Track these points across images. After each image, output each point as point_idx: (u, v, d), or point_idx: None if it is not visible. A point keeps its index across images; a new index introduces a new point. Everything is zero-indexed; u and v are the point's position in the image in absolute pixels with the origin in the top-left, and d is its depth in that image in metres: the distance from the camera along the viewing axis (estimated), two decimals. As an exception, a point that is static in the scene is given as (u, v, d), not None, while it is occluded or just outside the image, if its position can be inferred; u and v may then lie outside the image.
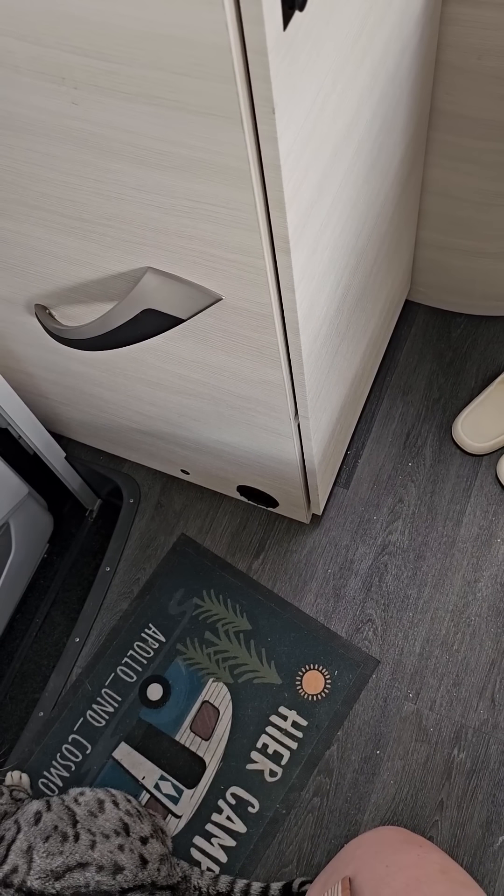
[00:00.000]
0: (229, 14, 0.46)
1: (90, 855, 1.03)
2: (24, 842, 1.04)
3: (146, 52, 0.51)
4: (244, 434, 1.10)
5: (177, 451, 1.31)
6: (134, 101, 0.56)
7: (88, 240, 0.76)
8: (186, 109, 0.55)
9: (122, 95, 0.56)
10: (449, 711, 1.26)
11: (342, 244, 0.86)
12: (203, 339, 0.87)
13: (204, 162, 0.59)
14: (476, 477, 1.42)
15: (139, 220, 0.70)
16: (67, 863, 1.02)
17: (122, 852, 1.05)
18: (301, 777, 1.24)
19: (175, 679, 1.32)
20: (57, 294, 0.90)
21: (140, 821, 1.12)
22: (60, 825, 1.06)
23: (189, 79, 0.52)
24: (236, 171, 0.58)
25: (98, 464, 1.53)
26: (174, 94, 0.54)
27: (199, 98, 0.53)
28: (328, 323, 0.92)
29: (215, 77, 0.50)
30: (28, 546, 1.49)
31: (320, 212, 0.72)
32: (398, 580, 1.36)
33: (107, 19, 0.50)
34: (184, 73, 0.51)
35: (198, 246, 0.70)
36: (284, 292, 0.73)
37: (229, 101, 0.52)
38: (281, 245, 0.66)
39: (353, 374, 1.22)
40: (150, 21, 0.49)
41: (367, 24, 0.69)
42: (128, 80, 0.54)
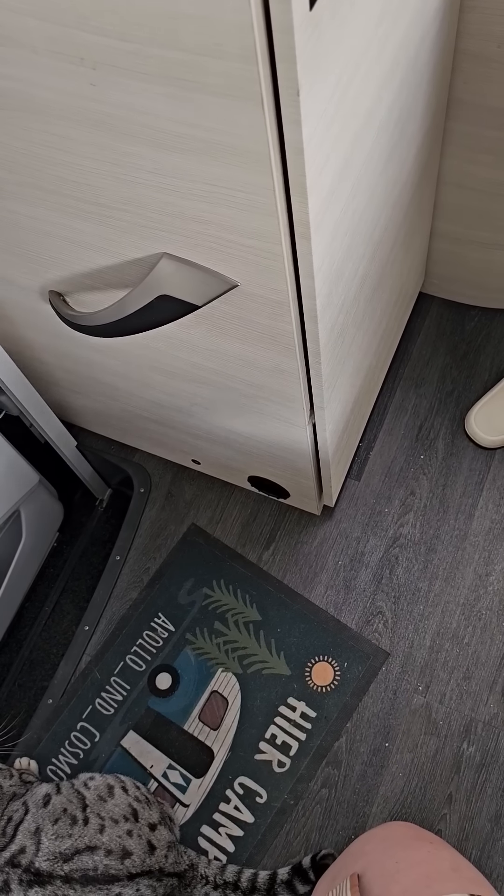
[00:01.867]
0: (252, -8, 0.45)
1: (99, 839, 1.03)
2: (33, 823, 1.05)
3: (165, 31, 0.50)
4: (257, 424, 1.10)
5: (188, 441, 1.31)
6: (152, 83, 0.55)
7: (104, 224, 0.76)
8: (206, 91, 0.54)
9: (141, 76, 0.55)
10: (459, 705, 1.26)
11: (361, 232, 0.86)
12: (217, 326, 0.86)
13: (222, 145, 0.58)
14: (489, 470, 1.41)
15: (155, 205, 0.69)
16: (76, 845, 1.02)
17: (130, 837, 1.05)
18: (309, 768, 1.24)
19: (184, 668, 1.32)
20: (71, 280, 0.90)
21: (149, 807, 1.12)
22: (70, 808, 1.07)
23: (209, 59, 0.51)
24: (255, 155, 0.57)
25: (109, 453, 1.52)
26: (193, 75, 0.53)
27: (218, 79, 0.52)
28: (345, 312, 0.91)
29: (236, 57, 0.50)
30: (38, 534, 1.49)
31: (340, 198, 0.72)
32: (409, 573, 1.35)
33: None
34: (204, 54, 0.51)
35: (214, 231, 0.69)
36: (303, 279, 0.73)
37: (250, 82, 0.51)
38: (301, 231, 0.66)
39: (368, 366, 1.22)
40: (170, 0, 0.48)
41: (391, 6, 0.68)
42: (146, 61, 0.54)
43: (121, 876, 1.01)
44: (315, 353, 0.86)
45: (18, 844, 1.02)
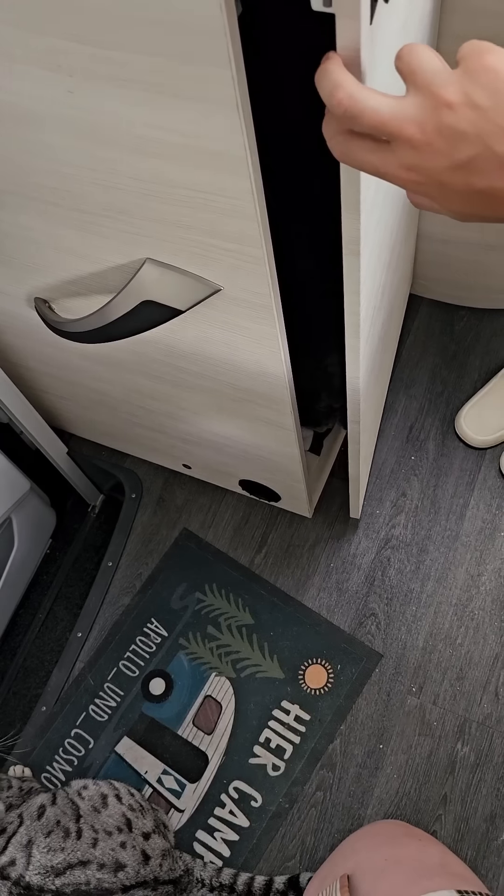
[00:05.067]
0: (223, -3, 0.45)
1: (91, 853, 1.03)
2: (25, 835, 1.04)
3: (140, 37, 0.51)
4: (246, 428, 1.10)
5: (178, 446, 1.31)
6: (129, 88, 0.55)
7: (86, 231, 0.76)
8: (182, 96, 0.54)
9: (118, 82, 0.55)
10: (452, 705, 1.26)
11: (386, 242, 0.86)
12: (203, 330, 0.86)
13: (200, 149, 0.58)
14: (479, 470, 1.42)
15: (136, 210, 0.69)
16: (69, 860, 1.02)
17: (123, 849, 1.05)
18: (304, 771, 1.24)
19: (177, 673, 1.32)
20: (56, 287, 0.90)
21: (143, 816, 1.12)
22: (63, 820, 1.06)
23: (183, 64, 0.51)
24: (233, 159, 0.57)
25: (100, 459, 1.52)
26: (169, 80, 0.53)
27: (193, 83, 0.52)
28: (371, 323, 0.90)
29: (209, 62, 0.50)
30: (31, 541, 1.48)
31: (375, 209, 0.71)
32: (401, 574, 1.35)
33: (101, 5, 0.49)
34: (178, 59, 0.51)
35: (196, 236, 0.69)
36: (348, 296, 0.71)
37: (224, 87, 0.51)
38: (351, 248, 0.65)
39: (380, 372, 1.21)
40: (144, 6, 0.48)
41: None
42: (122, 67, 0.54)
43: (114, 889, 1.01)
44: (354, 367, 0.85)
45: (9, 856, 1.02)
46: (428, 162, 0.43)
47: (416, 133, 0.42)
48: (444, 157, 0.43)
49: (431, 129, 0.42)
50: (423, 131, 0.42)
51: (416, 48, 0.43)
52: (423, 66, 0.42)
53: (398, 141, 0.43)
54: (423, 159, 0.43)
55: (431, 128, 0.42)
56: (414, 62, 0.43)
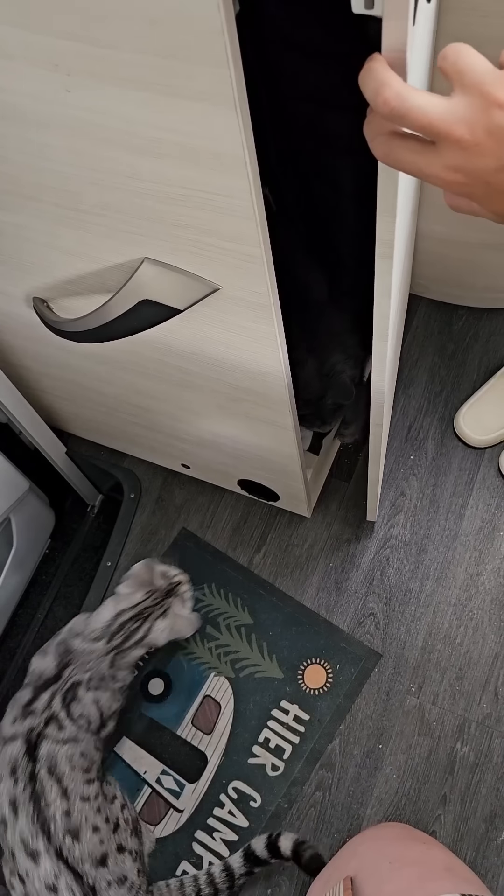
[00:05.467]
0: (221, -5, 0.45)
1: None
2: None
3: (137, 36, 0.51)
4: (244, 427, 1.10)
5: (177, 445, 1.31)
6: (127, 87, 0.55)
7: (85, 230, 0.76)
8: (180, 95, 0.54)
9: (115, 81, 0.55)
10: (452, 705, 1.26)
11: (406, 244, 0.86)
12: (201, 330, 0.86)
13: (198, 149, 0.58)
14: (478, 470, 1.41)
15: (135, 210, 0.69)
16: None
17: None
18: (303, 771, 1.24)
19: (177, 674, 1.32)
20: (55, 286, 0.90)
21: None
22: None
23: (181, 63, 0.51)
24: (231, 158, 0.57)
25: (99, 459, 1.52)
26: (167, 80, 0.53)
27: (191, 83, 0.52)
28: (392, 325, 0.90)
29: (208, 61, 0.50)
30: (29, 541, 1.48)
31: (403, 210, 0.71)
32: (400, 574, 1.35)
33: (99, 3, 0.49)
34: (176, 58, 0.51)
35: (194, 235, 0.69)
36: (379, 298, 0.71)
37: (222, 86, 0.51)
38: (384, 251, 0.64)
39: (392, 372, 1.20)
40: (141, 5, 0.48)
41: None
42: (120, 66, 0.54)
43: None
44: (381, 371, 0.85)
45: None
46: (475, 163, 0.43)
47: (466, 133, 0.42)
48: (493, 158, 0.42)
49: (481, 129, 0.42)
50: (473, 132, 0.42)
51: (461, 48, 0.43)
52: (472, 66, 0.42)
53: (446, 142, 0.43)
54: (471, 160, 0.43)
55: (481, 128, 0.42)
56: (461, 62, 0.42)
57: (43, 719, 1.06)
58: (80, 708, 1.09)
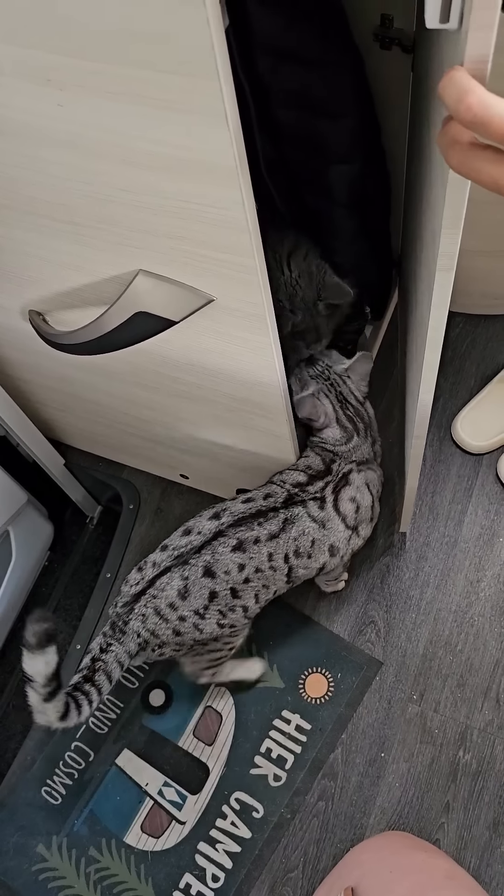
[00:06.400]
0: (210, 10, 0.46)
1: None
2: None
3: (128, 51, 0.51)
4: (242, 436, 1.10)
5: (175, 456, 1.31)
6: (119, 101, 0.56)
7: (80, 243, 0.76)
8: (172, 108, 0.54)
9: (108, 95, 0.56)
10: (453, 712, 1.25)
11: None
12: (197, 340, 0.86)
13: (191, 161, 0.58)
14: (477, 476, 1.42)
15: (129, 222, 0.69)
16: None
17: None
18: (305, 781, 1.23)
19: (177, 684, 1.31)
20: (51, 299, 0.90)
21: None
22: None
23: (172, 77, 0.52)
24: (223, 170, 0.57)
25: (97, 470, 1.52)
26: (159, 93, 0.54)
27: (183, 96, 0.53)
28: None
29: (198, 75, 0.50)
30: (29, 554, 1.48)
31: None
32: (400, 581, 1.35)
33: (90, 18, 0.50)
34: (167, 72, 0.51)
35: (188, 246, 0.69)
36: (435, 309, 0.71)
37: (213, 99, 0.51)
38: (446, 263, 0.64)
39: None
40: (132, 19, 0.48)
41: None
42: (112, 80, 0.54)
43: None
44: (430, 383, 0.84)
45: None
46: None
47: None
48: None
49: None
50: None
51: None
52: None
53: None
54: None
55: None
56: None
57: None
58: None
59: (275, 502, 1.05)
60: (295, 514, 1.05)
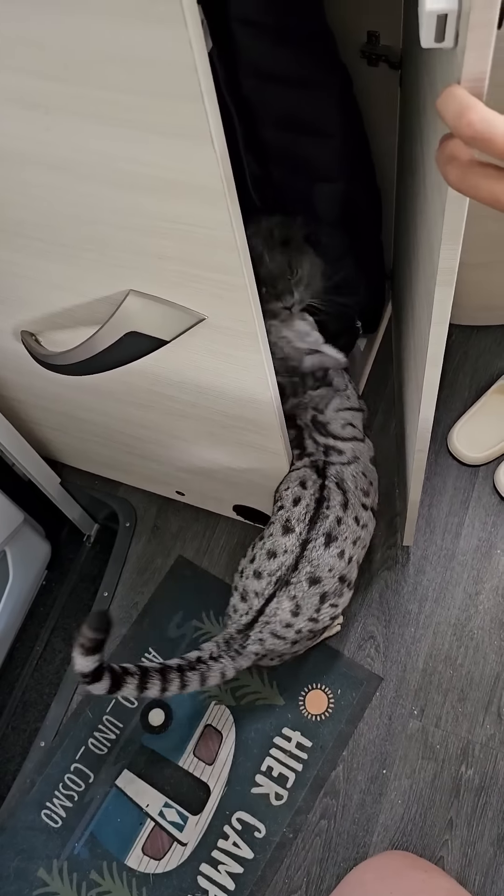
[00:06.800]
0: (193, 34, 0.46)
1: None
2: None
3: (113, 75, 0.51)
4: (236, 453, 1.10)
5: (171, 473, 1.31)
6: (106, 125, 0.56)
7: (69, 264, 0.76)
8: (157, 131, 0.54)
9: (94, 119, 0.56)
10: (455, 727, 1.24)
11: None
12: (189, 359, 0.86)
13: (178, 182, 0.58)
14: (473, 488, 1.41)
15: (117, 243, 0.69)
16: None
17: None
18: (307, 799, 1.22)
19: (177, 704, 1.30)
20: (42, 320, 0.90)
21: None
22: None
23: (158, 100, 0.52)
24: (210, 191, 0.57)
25: (93, 488, 1.52)
26: (144, 116, 0.54)
27: (168, 119, 0.53)
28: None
29: (183, 98, 0.50)
30: (26, 574, 1.47)
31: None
32: (398, 595, 1.34)
33: (74, 43, 0.50)
34: (152, 95, 0.51)
35: (178, 266, 0.69)
36: (437, 326, 0.71)
37: (199, 121, 0.52)
38: (446, 279, 0.64)
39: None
40: (115, 44, 0.49)
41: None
42: (97, 103, 0.54)
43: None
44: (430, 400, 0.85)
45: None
46: None
47: None
48: None
49: None
50: None
51: None
52: None
53: None
54: None
55: None
56: None
57: (320, 452, 1.07)
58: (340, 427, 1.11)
59: (316, 480, 1.05)
60: (336, 471, 1.06)
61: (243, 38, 0.97)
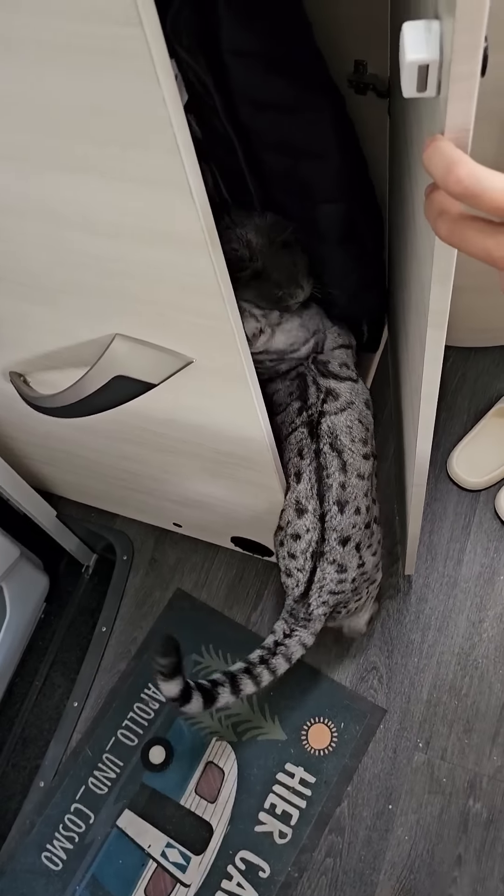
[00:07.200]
0: (166, 89, 0.45)
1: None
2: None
3: (91, 126, 0.50)
4: (231, 488, 1.08)
5: (167, 506, 1.29)
6: (84, 174, 0.55)
7: (53, 307, 0.75)
8: (136, 181, 0.53)
9: (72, 169, 0.55)
10: (461, 759, 1.22)
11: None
12: (180, 399, 0.85)
13: (158, 231, 0.57)
14: (474, 513, 1.39)
15: (101, 288, 0.68)
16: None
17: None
18: (312, 837, 1.20)
19: (177, 740, 1.28)
20: (30, 361, 0.89)
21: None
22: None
23: (135, 151, 0.51)
24: (191, 240, 0.56)
25: (89, 520, 1.50)
26: (123, 167, 0.52)
27: (146, 170, 0.52)
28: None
29: (159, 149, 0.49)
30: (24, 608, 1.46)
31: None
32: (401, 625, 1.32)
33: (49, 97, 0.49)
34: (130, 146, 0.50)
35: (163, 310, 0.68)
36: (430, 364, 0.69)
37: (176, 172, 0.50)
38: (437, 321, 0.63)
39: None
40: (91, 98, 0.48)
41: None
42: (76, 155, 0.53)
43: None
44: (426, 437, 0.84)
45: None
46: None
47: None
48: None
49: None
50: None
51: None
52: None
53: None
54: None
55: None
56: None
57: (320, 401, 1.06)
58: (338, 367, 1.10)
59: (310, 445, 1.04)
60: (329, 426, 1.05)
61: (235, 69, 0.97)
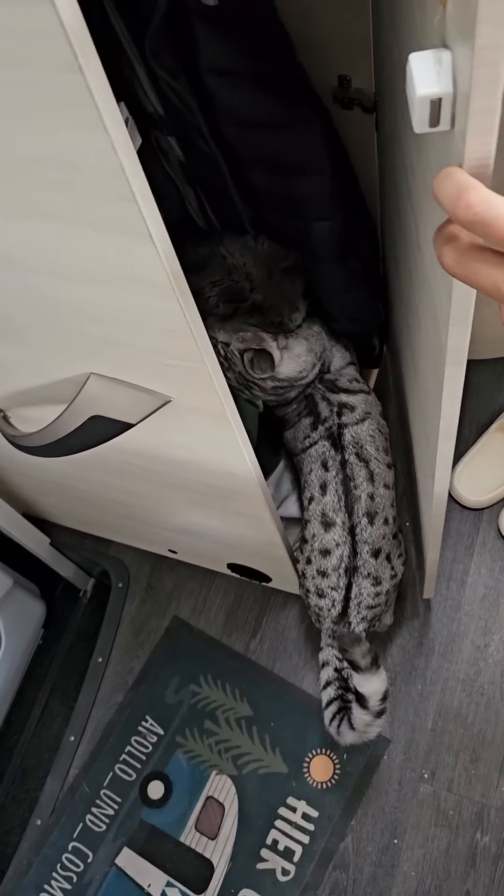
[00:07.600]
0: (115, 137, 0.42)
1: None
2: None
3: (46, 176, 0.47)
4: (223, 518, 1.05)
5: (161, 533, 1.26)
6: (46, 222, 0.52)
7: (25, 346, 0.73)
8: (97, 228, 0.51)
9: (34, 217, 0.52)
10: (468, 791, 1.18)
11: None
12: (162, 436, 0.82)
13: (123, 276, 0.54)
14: (478, 533, 1.36)
15: (71, 330, 0.65)
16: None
17: None
18: (315, 874, 1.16)
19: (176, 774, 1.25)
20: (8, 397, 0.86)
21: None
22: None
23: (93, 199, 0.48)
24: (156, 284, 0.53)
25: (84, 547, 1.47)
26: (83, 215, 0.50)
27: (105, 217, 0.49)
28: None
29: (117, 197, 0.46)
30: (20, 638, 1.43)
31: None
32: (403, 650, 1.29)
33: (5, 148, 0.46)
34: (87, 195, 0.47)
35: (136, 352, 0.65)
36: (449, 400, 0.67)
37: (134, 220, 0.47)
38: (456, 358, 0.61)
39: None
40: (44, 149, 0.45)
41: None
42: (37, 203, 0.50)
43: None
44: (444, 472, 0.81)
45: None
46: None
47: None
48: None
49: None
50: None
51: None
52: None
53: None
54: None
55: None
56: None
57: (335, 414, 1.06)
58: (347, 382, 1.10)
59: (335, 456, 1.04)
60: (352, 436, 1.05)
61: (217, 89, 0.94)
